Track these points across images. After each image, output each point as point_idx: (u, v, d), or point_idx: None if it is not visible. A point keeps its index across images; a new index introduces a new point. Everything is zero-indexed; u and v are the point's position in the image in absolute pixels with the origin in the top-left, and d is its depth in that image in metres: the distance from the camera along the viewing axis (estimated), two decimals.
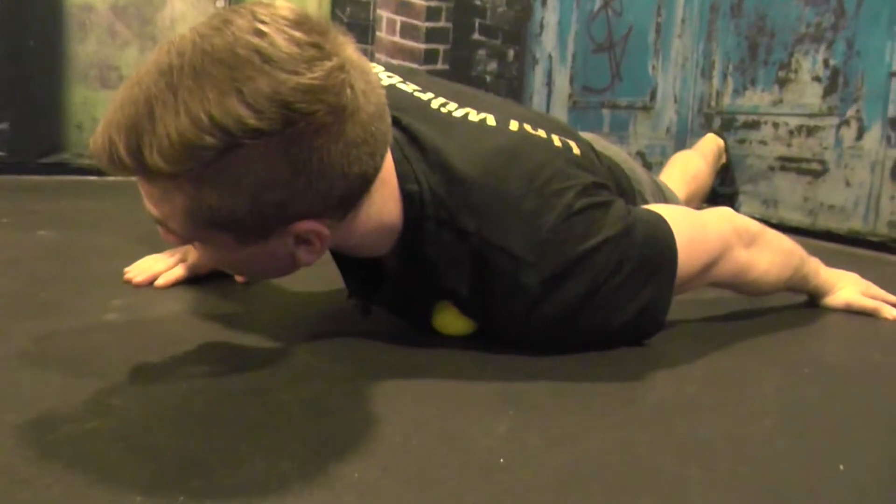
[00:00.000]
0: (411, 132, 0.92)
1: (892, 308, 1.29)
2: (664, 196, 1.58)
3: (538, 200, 0.89)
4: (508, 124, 0.98)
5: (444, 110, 0.98)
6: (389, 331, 1.03)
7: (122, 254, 1.41)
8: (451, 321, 1.00)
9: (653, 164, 3.05)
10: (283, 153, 0.70)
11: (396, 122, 0.90)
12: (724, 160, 2.17)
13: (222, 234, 0.77)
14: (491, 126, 0.96)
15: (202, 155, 0.67)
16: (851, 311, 1.30)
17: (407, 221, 0.89)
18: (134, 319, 1.02)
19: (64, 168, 2.78)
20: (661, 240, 0.96)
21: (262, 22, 0.69)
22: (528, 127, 0.99)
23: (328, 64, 0.70)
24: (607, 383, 0.89)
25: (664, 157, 2.97)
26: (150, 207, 0.77)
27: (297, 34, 0.70)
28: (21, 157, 2.71)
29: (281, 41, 0.68)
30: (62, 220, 1.86)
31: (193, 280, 1.24)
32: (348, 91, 0.71)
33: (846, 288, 1.33)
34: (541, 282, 0.89)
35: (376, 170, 0.79)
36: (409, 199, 0.88)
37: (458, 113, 0.98)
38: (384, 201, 0.86)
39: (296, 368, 0.87)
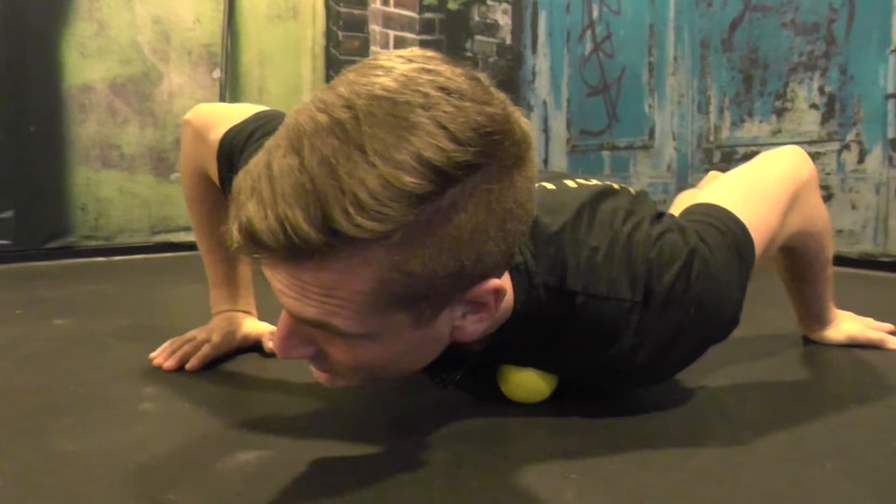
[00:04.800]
0: None
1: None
2: None
3: (624, 241, 0.88)
4: (566, 184, 0.98)
5: None
6: (460, 401, 1.02)
7: (141, 337, 1.39)
8: (527, 382, 0.97)
9: (656, 203, 3.05)
10: (486, 192, 0.62)
11: None
12: None
13: (399, 316, 0.66)
14: (552, 188, 0.95)
15: (412, 204, 0.58)
16: (855, 345, 1.28)
17: (517, 293, 0.84)
18: (171, 408, 1.00)
19: (70, 251, 2.78)
20: (731, 233, 0.93)
21: (413, 60, 0.63)
22: (581, 180, 0.99)
23: (501, 95, 0.65)
24: (662, 435, 0.88)
25: (667, 194, 2.97)
26: (307, 306, 0.64)
27: (456, 69, 0.64)
28: (27, 244, 2.70)
29: (452, 75, 0.63)
30: (75, 306, 1.85)
31: (223, 358, 1.22)
32: (524, 121, 0.67)
33: (847, 321, 1.31)
34: (648, 317, 0.86)
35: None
36: (516, 271, 0.84)
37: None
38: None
39: (349, 448, 0.86)
